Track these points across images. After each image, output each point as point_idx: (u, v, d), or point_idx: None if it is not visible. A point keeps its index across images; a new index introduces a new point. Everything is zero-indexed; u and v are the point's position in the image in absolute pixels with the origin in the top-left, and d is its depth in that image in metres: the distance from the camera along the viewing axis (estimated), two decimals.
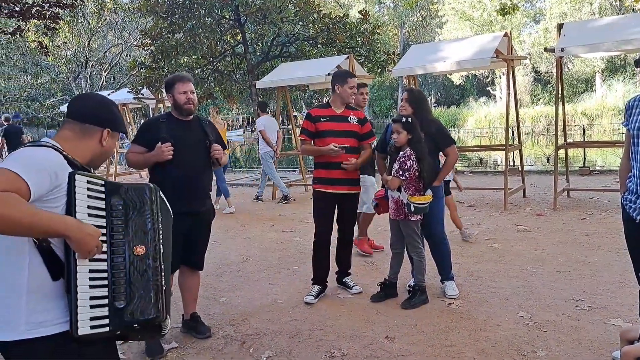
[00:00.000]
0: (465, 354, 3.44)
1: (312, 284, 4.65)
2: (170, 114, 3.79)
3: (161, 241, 1.87)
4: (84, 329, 1.67)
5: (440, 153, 4.55)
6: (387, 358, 3.46)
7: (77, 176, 1.72)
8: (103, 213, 1.76)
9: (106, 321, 1.72)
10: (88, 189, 1.74)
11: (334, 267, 4.78)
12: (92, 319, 1.68)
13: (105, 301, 1.72)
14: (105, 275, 1.73)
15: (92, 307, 1.69)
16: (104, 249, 1.74)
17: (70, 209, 1.70)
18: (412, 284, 4.41)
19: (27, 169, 1.64)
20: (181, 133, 3.66)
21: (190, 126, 3.76)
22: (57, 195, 1.71)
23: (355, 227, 5.05)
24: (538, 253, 5.55)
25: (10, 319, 1.69)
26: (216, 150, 3.75)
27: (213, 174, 4.09)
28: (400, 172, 4.14)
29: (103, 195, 1.77)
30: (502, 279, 4.83)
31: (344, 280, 4.81)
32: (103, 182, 1.80)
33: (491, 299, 4.36)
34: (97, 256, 1.71)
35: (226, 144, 3.95)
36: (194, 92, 3.74)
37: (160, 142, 3.53)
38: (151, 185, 1.92)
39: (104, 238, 1.74)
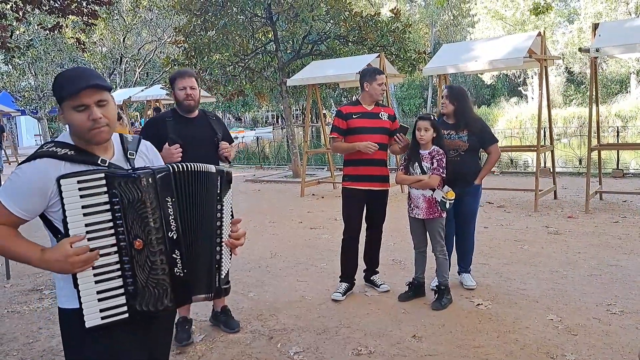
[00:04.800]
0: (493, 355, 3.43)
1: (340, 281, 4.68)
2: (176, 111, 3.75)
3: (172, 228, 1.84)
4: (92, 321, 1.74)
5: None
6: (414, 357, 3.46)
7: (62, 180, 1.72)
8: (107, 207, 1.76)
9: (124, 308, 1.78)
10: (80, 188, 1.73)
11: (361, 265, 4.80)
12: (103, 310, 1.74)
13: (121, 290, 1.77)
14: (117, 267, 1.78)
15: (102, 299, 1.75)
16: (114, 241, 1.77)
17: (63, 213, 1.73)
18: (437, 284, 4.41)
19: (10, 195, 1.78)
20: (187, 131, 3.62)
21: (196, 123, 3.72)
22: (55, 201, 1.77)
23: None
24: (569, 256, 5.48)
25: (57, 288, 1.89)
26: (224, 149, 3.71)
27: None
28: (441, 170, 4.16)
29: (105, 189, 1.76)
30: (532, 281, 4.78)
31: (371, 278, 4.83)
32: (102, 176, 1.76)
33: (520, 301, 4.33)
34: (103, 251, 1.75)
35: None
36: (194, 88, 3.66)
37: (167, 144, 3.48)
38: (151, 169, 1.83)
39: (112, 231, 1.77)
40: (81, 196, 1.73)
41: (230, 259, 2.06)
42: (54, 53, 20.87)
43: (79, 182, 1.73)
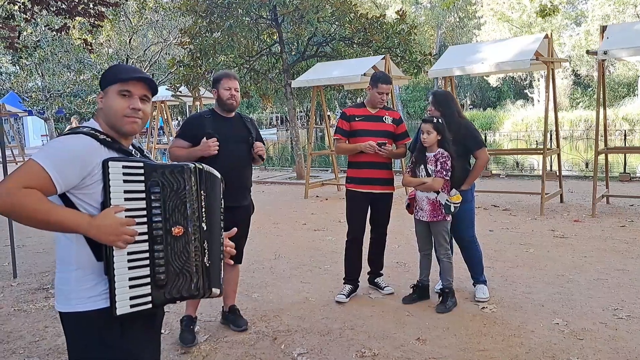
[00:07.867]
0: (498, 359, 3.40)
1: (344, 283, 4.66)
2: (214, 111, 3.89)
3: (204, 220, 1.90)
4: (123, 308, 1.75)
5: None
6: None
7: (110, 163, 1.75)
8: (143, 195, 1.79)
9: (148, 298, 1.80)
10: (124, 173, 1.77)
11: (365, 267, 4.78)
12: (132, 298, 1.76)
13: (147, 280, 1.79)
14: (146, 255, 1.79)
15: (131, 287, 1.76)
16: (145, 229, 1.79)
17: (106, 196, 1.74)
18: (441, 287, 4.39)
19: (53, 161, 1.69)
20: (224, 129, 3.76)
21: (233, 122, 3.87)
22: (91, 183, 1.75)
23: None
24: (575, 260, 5.44)
25: (65, 292, 1.82)
26: (259, 147, 3.85)
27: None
28: (444, 173, 4.14)
29: (142, 178, 1.80)
30: (537, 284, 4.75)
31: (375, 280, 4.81)
32: (142, 164, 1.81)
33: (525, 304, 4.30)
34: (137, 238, 1.77)
35: None
36: (238, 90, 3.83)
37: (205, 138, 3.64)
38: (192, 164, 1.89)
39: (145, 220, 1.79)
40: (124, 181, 1.77)
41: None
42: (61, 54, 20.91)
43: (124, 167, 1.78)
